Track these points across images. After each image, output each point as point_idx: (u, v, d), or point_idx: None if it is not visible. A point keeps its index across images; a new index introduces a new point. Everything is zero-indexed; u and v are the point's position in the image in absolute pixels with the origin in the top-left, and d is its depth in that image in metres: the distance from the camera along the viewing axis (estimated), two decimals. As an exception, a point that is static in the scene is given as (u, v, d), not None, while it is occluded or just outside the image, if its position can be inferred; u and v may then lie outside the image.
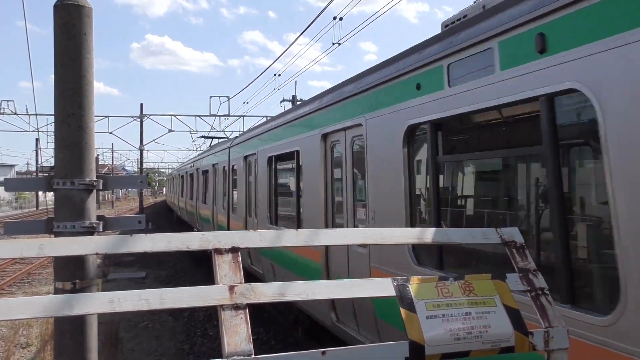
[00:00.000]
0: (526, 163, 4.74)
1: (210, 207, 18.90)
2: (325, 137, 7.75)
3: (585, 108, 3.68)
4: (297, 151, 8.96)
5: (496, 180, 5.31)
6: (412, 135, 5.56)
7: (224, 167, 16.37)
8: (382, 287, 2.51)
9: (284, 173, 10.42)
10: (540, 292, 2.64)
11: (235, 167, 14.68)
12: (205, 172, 20.60)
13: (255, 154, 12.19)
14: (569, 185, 4.08)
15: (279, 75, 29.41)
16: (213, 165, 18.57)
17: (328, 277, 7.53)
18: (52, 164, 3.80)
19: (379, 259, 6.11)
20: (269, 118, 17.08)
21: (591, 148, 3.79)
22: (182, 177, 32.02)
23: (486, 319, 2.45)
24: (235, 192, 14.75)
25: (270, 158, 10.73)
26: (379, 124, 6.09)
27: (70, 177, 3.52)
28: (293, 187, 9.77)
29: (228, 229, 15.20)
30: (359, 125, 6.55)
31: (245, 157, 13.32)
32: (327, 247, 7.48)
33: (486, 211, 5.30)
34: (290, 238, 2.66)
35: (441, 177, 5.51)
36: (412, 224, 5.55)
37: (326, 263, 7.70)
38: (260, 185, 11.48)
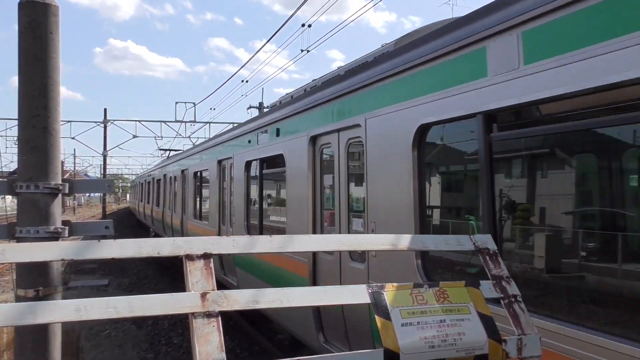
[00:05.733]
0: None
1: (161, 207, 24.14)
2: (220, 162, 12.58)
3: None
4: (207, 169, 13.78)
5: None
6: (248, 168, 10.37)
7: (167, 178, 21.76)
8: (356, 294, 2.47)
9: (204, 185, 15.06)
10: (513, 300, 2.65)
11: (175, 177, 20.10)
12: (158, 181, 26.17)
13: (188, 169, 17.02)
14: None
15: (247, 81, 29.25)
16: (164, 175, 23.62)
17: None
18: (11, 169, 3.66)
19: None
20: (235, 125, 18.35)
21: None
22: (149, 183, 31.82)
23: (460, 326, 2.44)
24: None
25: (195, 173, 15.75)
26: (239, 159, 10.82)
27: (34, 181, 3.38)
28: (205, 194, 14.75)
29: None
30: (231, 157, 11.49)
31: (183, 171, 18.29)
32: None
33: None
34: (263, 244, 2.61)
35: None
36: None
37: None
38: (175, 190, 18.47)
